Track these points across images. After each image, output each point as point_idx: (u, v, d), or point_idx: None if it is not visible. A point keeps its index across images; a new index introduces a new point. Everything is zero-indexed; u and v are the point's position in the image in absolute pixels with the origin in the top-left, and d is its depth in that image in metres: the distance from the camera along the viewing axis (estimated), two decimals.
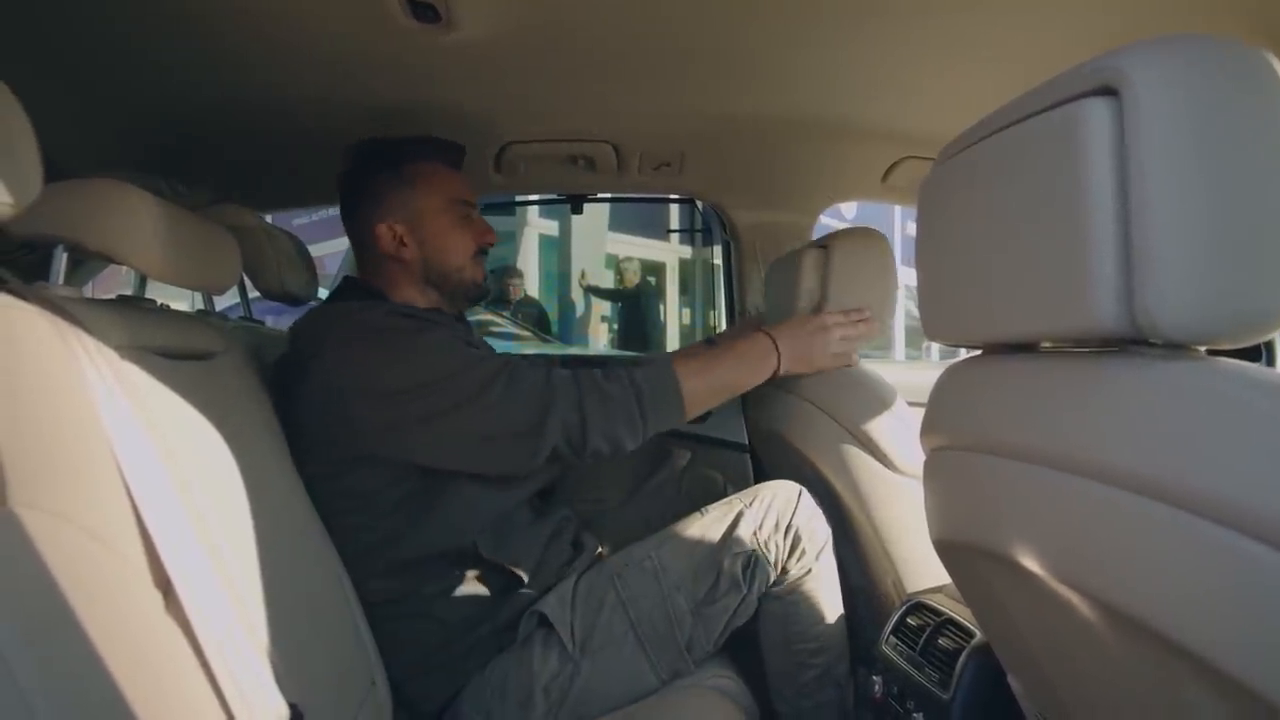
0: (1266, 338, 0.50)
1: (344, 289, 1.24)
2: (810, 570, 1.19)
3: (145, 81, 1.19)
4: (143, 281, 0.94)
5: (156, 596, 0.66)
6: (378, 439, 1.03)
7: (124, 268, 0.89)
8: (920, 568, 1.22)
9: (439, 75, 1.22)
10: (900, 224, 7.13)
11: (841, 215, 4.91)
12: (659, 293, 8.26)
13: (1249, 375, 0.46)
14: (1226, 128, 0.47)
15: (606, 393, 1.06)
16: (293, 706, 0.73)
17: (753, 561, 1.16)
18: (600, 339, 8.03)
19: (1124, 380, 0.52)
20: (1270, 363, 0.54)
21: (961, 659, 1.00)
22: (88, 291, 1.04)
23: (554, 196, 2.00)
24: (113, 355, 0.72)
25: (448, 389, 1.02)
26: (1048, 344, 0.64)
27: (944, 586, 1.16)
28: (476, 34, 1.06)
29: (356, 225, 1.21)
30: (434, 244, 1.19)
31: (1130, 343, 0.52)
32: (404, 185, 1.18)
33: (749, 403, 1.74)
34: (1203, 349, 0.50)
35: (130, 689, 0.58)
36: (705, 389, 1.13)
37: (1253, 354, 0.53)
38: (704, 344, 1.46)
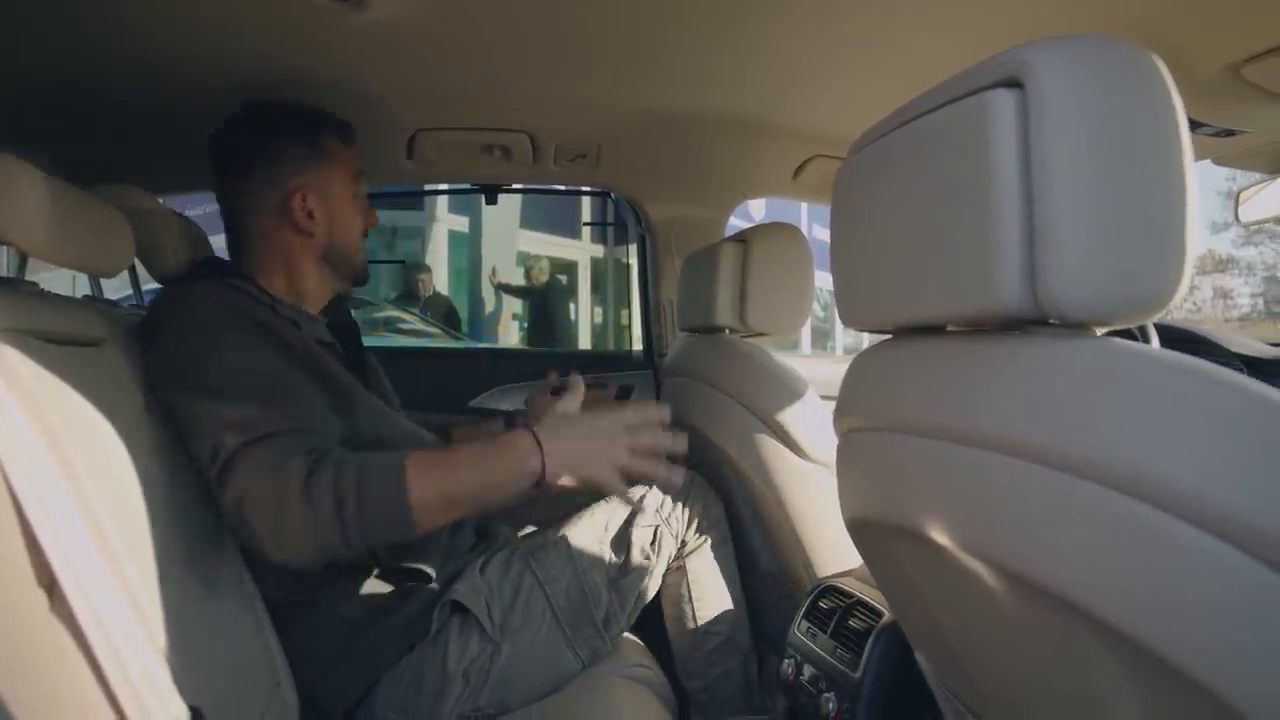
0: (1155, 317, 0.54)
1: (199, 274, 1.12)
2: (708, 540, 1.32)
3: (36, 49, 1.10)
4: (23, 262, 0.87)
5: (39, 595, 0.62)
6: (184, 431, 0.93)
7: None
8: (831, 553, 1.26)
9: (351, 56, 1.17)
10: (808, 226, 7.35)
11: (750, 216, 5.01)
12: (570, 291, 8.24)
13: (1136, 351, 0.50)
14: (1120, 122, 0.50)
15: (312, 500, 0.86)
16: (193, 709, 0.69)
17: (658, 534, 1.27)
18: (510, 336, 7.95)
19: (1025, 358, 0.55)
20: (1145, 342, 0.58)
21: (871, 638, 1.04)
22: None
23: (467, 186, 1.96)
24: None
25: (233, 403, 0.91)
26: (955, 326, 0.67)
27: (854, 570, 1.20)
28: (391, 14, 1.03)
29: (254, 191, 1.11)
30: (339, 223, 1.16)
31: (1031, 323, 0.56)
32: (319, 158, 1.14)
33: (662, 393, 1.75)
34: (1098, 329, 0.54)
35: (10, 694, 0.54)
36: (440, 500, 0.90)
37: (1128, 334, 0.57)
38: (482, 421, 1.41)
